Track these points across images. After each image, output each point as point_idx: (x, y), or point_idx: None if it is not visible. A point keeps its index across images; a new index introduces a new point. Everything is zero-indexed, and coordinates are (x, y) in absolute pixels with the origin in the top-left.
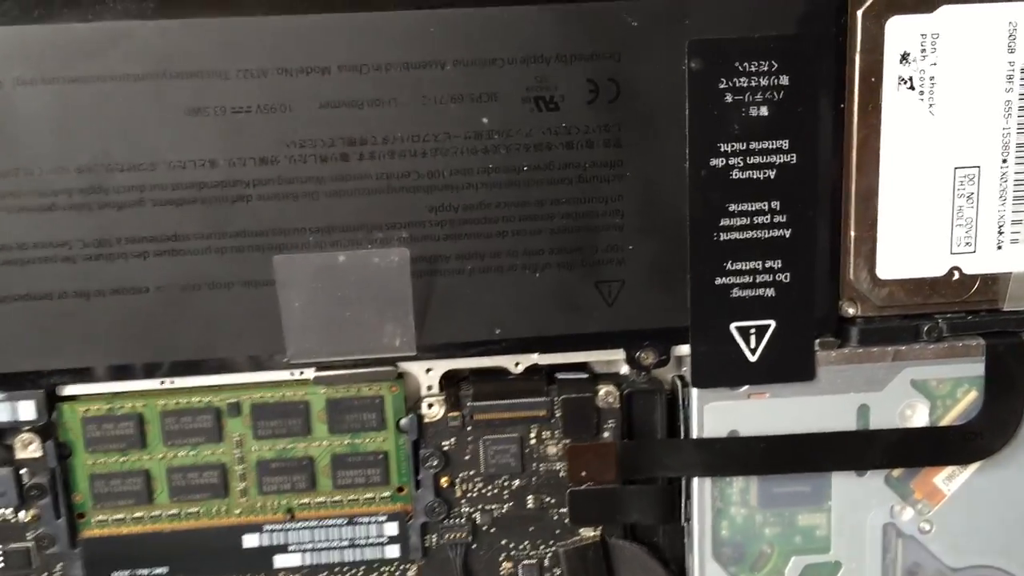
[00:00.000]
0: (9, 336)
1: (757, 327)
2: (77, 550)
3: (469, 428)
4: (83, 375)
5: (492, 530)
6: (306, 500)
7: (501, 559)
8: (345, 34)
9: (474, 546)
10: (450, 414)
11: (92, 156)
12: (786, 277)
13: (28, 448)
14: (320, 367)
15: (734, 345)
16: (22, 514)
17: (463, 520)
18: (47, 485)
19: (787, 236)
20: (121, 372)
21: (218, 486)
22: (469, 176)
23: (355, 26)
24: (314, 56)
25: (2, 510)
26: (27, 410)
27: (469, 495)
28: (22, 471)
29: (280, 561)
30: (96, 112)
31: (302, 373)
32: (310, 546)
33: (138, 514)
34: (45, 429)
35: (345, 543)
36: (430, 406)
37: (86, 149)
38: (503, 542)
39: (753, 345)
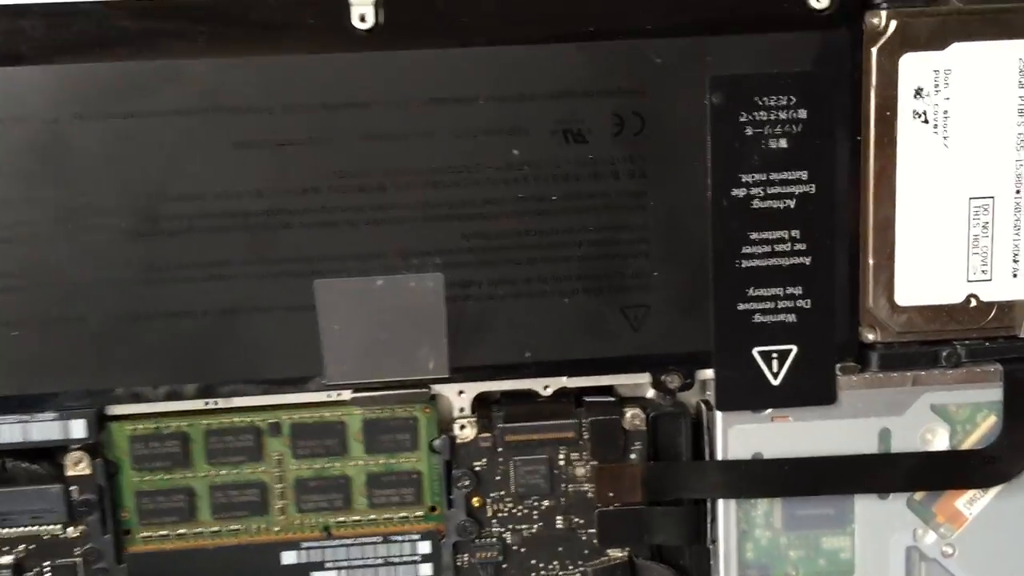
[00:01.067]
0: (63, 357)
1: (779, 352)
2: (122, 565)
3: (500, 449)
4: (131, 396)
5: (522, 550)
6: (342, 518)
7: None
8: (383, 71)
9: (504, 565)
10: (481, 435)
11: (144, 187)
12: (807, 303)
13: (78, 466)
14: (357, 389)
15: (757, 369)
16: (70, 530)
17: (494, 540)
18: (95, 502)
19: (807, 264)
20: (168, 393)
21: (258, 504)
22: (501, 205)
23: (393, 63)
24: (354, 92)
25: (51, 526)
26: (78, 429)
27: (500, 515)
28: (71, 488)
29: None
30: (148, 145)
31: (339, 395)
32: (346, 563)
33: (181, 531)
34: (94, 447)
35: (380, 561)
36: (462, 427)
37: (138, 180)
38: (533, 562)
39: (775, 369)
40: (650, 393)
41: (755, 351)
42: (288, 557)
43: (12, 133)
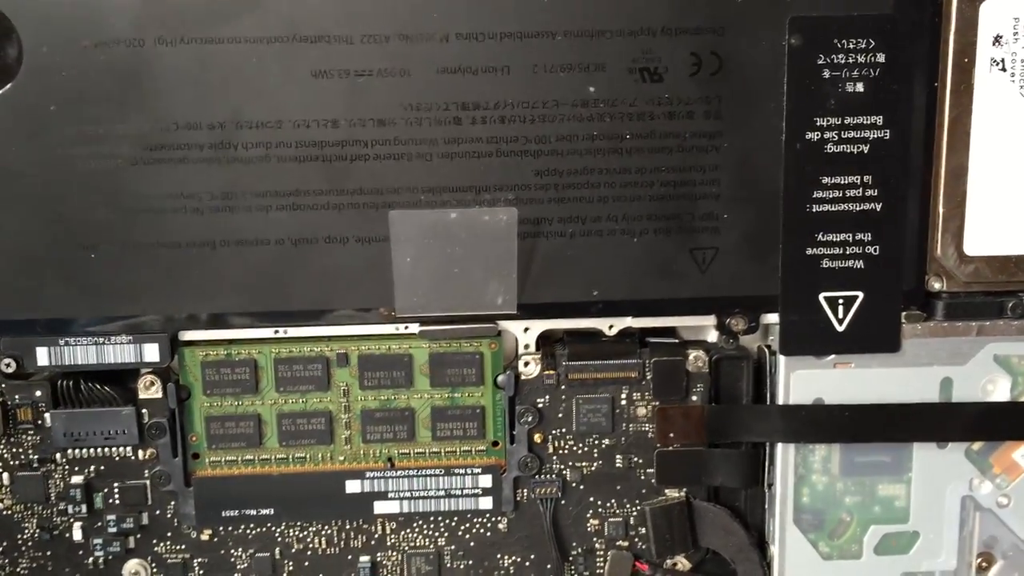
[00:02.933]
0: (139, 281)
1: (845, 298)
2: (190, 489)
3: (563, 387)
4: (204, 321)
5: (581, 487)
6: (406, 450)
7: (588, 515)
8: (463, 4)
9: (563, 501)
10: (545, 372)
11: (223, 113)
12: (875, 250)
13: (150, 389)
14: (425, 322)
15: (822, 314)
16: (140, 452)
17: (554, 476)
18: (166, 425)
19: (878, 210)
20: (240, 320)
21: (324, 433)
22: (574, 143)
23: None
24: (433, 24)
25: (122, 448)
26: (151, 352)
27: (560, 452)
28: (143, 411)
29: (380, 507)
30: (228, 72)
31: (407, 328)
32: (408, 494)
33: (248, 456)
34: (165, 372)
35: (441, 492)
36: (527, 364)
37: (218, 107)
38: (591, 499)
39: (841, 315)
40: (713, 336)
41: (821, 296)
42: (352, 486)
43: (98, 57)
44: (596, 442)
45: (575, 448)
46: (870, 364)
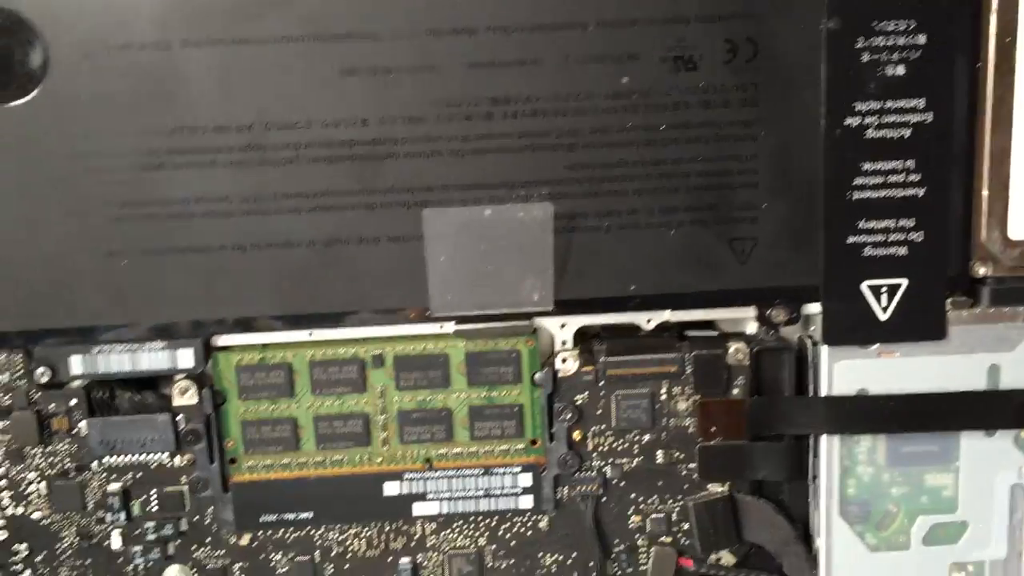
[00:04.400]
0: (171, 287)
1: (888, 286)
2: (228, 494)
3: (602, 383)
4: (238, 326)
5: (622, 483)
6: (444, 450)
7: (630, 512)
8: None
9: (604, 499)
10: (583, 369)
11: (251, 115)
12: (919, 236)
13: (185, 395)
14: (460, 321)
15: (865, 303)
16: (177, 459)
17: (594, 473)
18: (202, 431)
19: (920, 195)
20: (273, 323)
21: (361, 435)
22: (608, 135)
23: None
24: (462, 18)
25: (159, 455)
26: (186, 358)
27: (600, 449)
28: (178, 417)
29: (418, 509)
30: (255, 73)
31: (442, 327)
32: (447, 495)
33: (285, 460)
34: (200, 378)
35: (480, 492)
36: (564, 361)
37: (245, 108)
38: (632, 496)
39: (884, 304)
40: (753, 328)
41: (864, 285)
42: (390, 488)
43: (124, 59)
44: (636, 438)
45: (615, 444)
46: (915, 352)
